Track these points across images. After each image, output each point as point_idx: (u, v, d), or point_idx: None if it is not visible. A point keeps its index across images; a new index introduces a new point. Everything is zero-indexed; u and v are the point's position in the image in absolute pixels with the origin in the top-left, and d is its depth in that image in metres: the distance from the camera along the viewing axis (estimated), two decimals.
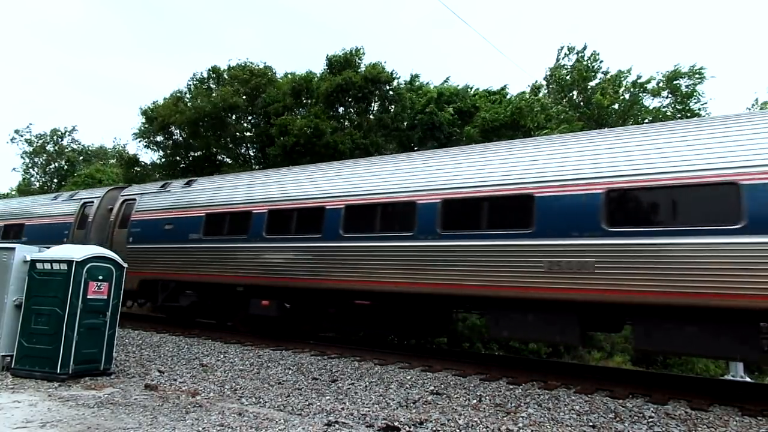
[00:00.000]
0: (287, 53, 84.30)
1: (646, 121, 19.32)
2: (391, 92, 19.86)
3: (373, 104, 20.74)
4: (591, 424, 5.68)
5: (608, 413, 6.07)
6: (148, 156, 25.07)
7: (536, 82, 21.90)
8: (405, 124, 19.32)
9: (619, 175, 7.40)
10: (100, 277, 7.54)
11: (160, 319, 14.60)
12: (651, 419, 5.85)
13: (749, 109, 19.80)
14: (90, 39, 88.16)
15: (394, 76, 20.20)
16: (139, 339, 10.97)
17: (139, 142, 24.16)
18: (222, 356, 9.31)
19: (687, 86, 20.07)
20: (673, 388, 7.43)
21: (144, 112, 23.16)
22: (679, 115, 19.36)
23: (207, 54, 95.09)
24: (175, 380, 7.37)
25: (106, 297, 7.60)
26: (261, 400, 6.37)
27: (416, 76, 21.76)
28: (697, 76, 20.03)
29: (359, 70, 20.09)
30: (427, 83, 21.23)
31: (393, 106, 20.24)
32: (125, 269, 7.99)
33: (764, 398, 6.87)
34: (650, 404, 6.48)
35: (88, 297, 7.36)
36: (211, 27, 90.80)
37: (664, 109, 20.40)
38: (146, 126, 23.31)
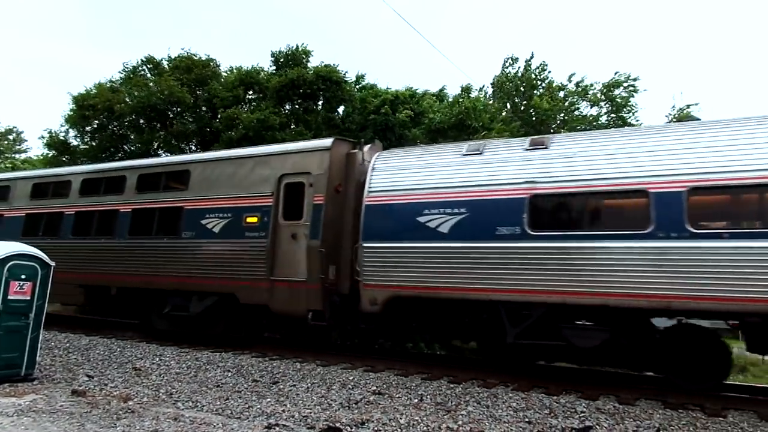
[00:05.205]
0: (261, 47, 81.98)
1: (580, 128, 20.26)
2: (341, 92, 19.75)
3: (320, 102, 20.55)
4: (527, 420, 5.87)
5: (543, 409, 6.30)
6: (79, 143, 22.80)
7: (467, 84, 22.51)
8: (354, 126, 19.31)
9: None
10: (23, 277, 7.07)
11: (90, 321, 13.86)
12: (583, 414, 6.12)
13: (667, 117, 21.09)
14: (43, 24, 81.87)
15: (345, 77, 20.11)
16: (67, 342, 10.34)
17: (70, 128, 22.10)
18: (157, 359, 8.94)
19: (620, 98, 21.36)
20: (604, 385, 7.81)
21: (76, 99, 21.49)
22: (612, 125, 20.49)
23: (171, 45, 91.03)
24: (106, 385, 7.01)
25: (29, 297, 7.14)
26: (198, 403, 6.16)
27: (362, 76, 21.93)
28: (631, 88, 21.33)
29: (308, 68, 19.89)
30: (376, 85, 21.39)
31: (343, 106, 20.14)
32: (52, 267, 7.52)
33: (686, 392, 7.33)
34: (582, 400, 6.78)
35: (9, 297, 6.89)
36: (182, 18, 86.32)
37: (601, 117, 21.57)
38: (76, 112, 21.49)
